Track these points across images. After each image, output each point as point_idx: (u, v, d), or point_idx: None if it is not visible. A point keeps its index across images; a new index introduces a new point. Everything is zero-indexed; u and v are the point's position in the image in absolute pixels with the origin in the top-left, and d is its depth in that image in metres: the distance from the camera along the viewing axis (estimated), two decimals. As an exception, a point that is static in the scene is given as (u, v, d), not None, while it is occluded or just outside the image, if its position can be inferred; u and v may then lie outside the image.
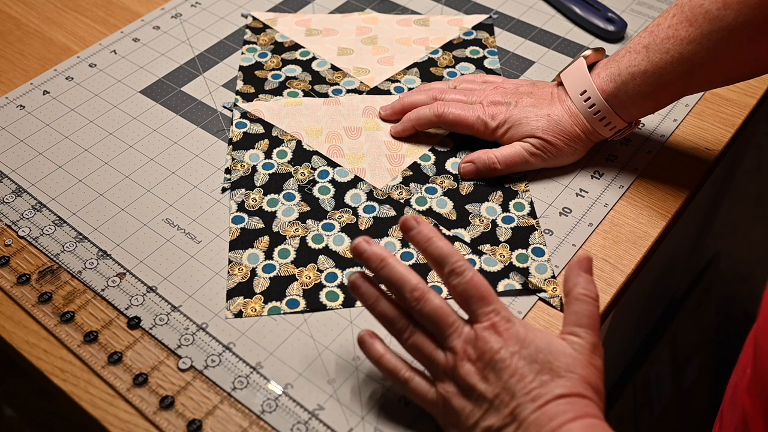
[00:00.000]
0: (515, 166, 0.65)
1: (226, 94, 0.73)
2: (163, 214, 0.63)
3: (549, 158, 0.65)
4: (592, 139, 0.65)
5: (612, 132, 0.64)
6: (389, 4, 0.85)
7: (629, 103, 0.62)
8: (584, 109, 0.63)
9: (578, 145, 0.65)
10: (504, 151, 0.65)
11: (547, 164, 0.65)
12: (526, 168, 0.65)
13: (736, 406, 0.46)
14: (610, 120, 0.63)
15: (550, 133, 0.64)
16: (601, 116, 0.63)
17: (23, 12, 0.83)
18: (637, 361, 1.02)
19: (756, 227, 1.47)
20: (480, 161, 0.65)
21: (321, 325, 0.56)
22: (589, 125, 0.63)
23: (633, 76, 0.60)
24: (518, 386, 0.45)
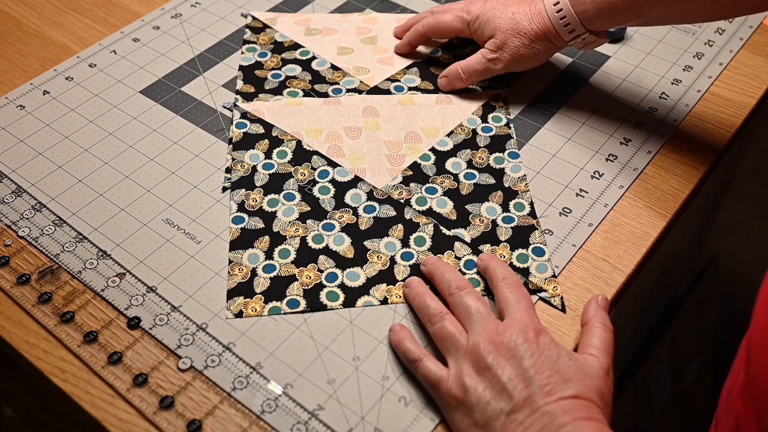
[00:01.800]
0: (477, 74, 0.71)
1: (226, 94, 0.73)
2: (163, 214, 0.63)
3: (509, 60, 0.69)
4: (555, 42, 0.68)
5: (571, 36, 0.66)
6: (389, 4, 0.85)
7: (593, 10, 0.64)
8: (554, 17, 0.66)
9: (539, 46, 0.68)
10: (467, 61, 0.71)
11: (509, 68, 0.70)
12: (490, 74, 0.71)
13: (730, 410, 0.46)
14: (576, 29, 0.66)
15: (508, 33, 0.68)
16: (567, 23, 0.65)
17: (23, 12, 0.83)
18: (637, 361, 1.02)
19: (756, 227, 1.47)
20: (450, 73, 0.72)
21: (321, 325, 0.56)
22: (556, 31, 0.66)
23: None
24: (536, 377, 0.46)
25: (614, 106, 0.72)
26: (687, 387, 1.13)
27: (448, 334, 0.51)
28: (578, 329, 0.55)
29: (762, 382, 0.40)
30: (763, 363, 0.40)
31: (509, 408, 0.46)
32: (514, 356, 0.48)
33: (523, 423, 0.45)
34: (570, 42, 0.67)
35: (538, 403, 0.45)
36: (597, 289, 0.58)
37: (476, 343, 0.49)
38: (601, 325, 0.53)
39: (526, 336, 0.49)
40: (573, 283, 0.58)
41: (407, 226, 0.62)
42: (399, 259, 0.60)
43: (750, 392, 0.42)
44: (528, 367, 0.47)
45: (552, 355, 0.48)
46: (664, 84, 0.75)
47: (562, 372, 0.47)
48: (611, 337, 0.52)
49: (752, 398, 0.42)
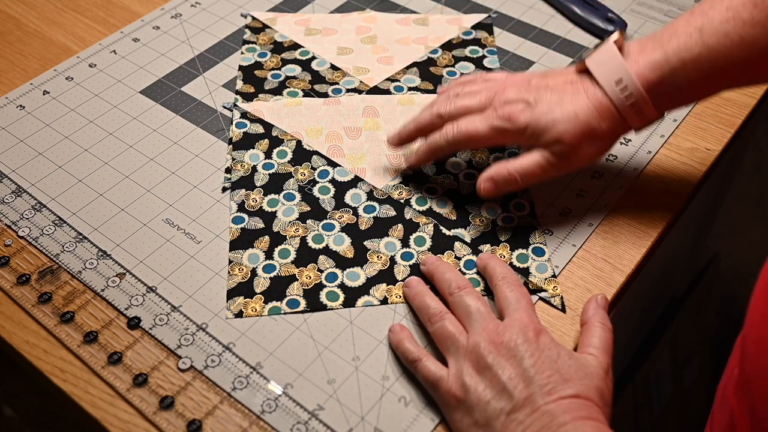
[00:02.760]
0: (535, 179, 0.58)
1: (226, 94, 0.73)
2: (163, 214, 0.63)
3: (576, 163, 0.58)
4: (619, 132, 0.58)
5: (641, 123, 0.57)
6: (389, 3, 0.85)
7: (674, 92, 0.55)
8: (619, 100, 0.55)
9: (603, 143, 0.58)
10: (523, 163, 0.58)
11: (570, 170, 0.59)
12: (548, 178, 0.59)
13: (724, 406, 0.47)
14: (645, 111, 0.56)
15: (578, 137, 0.56)
16: (637, 108, 0.56)
17: (23, 12, 0.83)
18: (637, 361, 1.02)
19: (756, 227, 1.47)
20: (500, 177, 0.58)
21: (321, 325, 0.56)
22: (621, 116, 0.56)
23: (683, 63, 0.53)
24: (536, 376, 0.47)
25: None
26: (687, 387, 1.13)
27: (448, 334, 0.51)
28: (578, 329, 0.55)
29: (755, 377, 0.40)
30: (756, 358, 0.40)
31: (509, 407, 0.46)
32: (514, 356, 0.48)
33: (523, 422, 0.45)
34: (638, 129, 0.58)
35: (538, 402, 0.45)
36: (597, 289, 0.58)
37: (476, 343, 0.49)
38: (601, 324, 0.53)
39: (526, 336, 0.49)
40: (573, 283, 0.58)
41: (407, 226, 0.62)
42: (399, 259, 0.60)
43: (743, 388, 0.43)
44: (528, 367, 0.47)
45: (552, 355, 0.48)
46: (664, 84, 0.75)
47: (562, 371, 0.47)
48: (611, 336, 0.52)
49: (745, 393, 0.42)
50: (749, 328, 0.41)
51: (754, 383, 0.41)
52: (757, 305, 0.40)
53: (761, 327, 0.39)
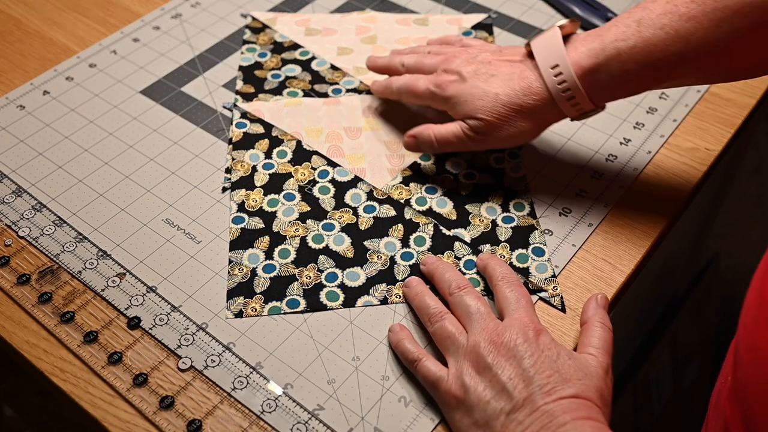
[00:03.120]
0: (451, 146, 0.62)
1: (226, 94, 0.73)
2: (163, 215, 0.63)
3: (492, 141, 0.60)
4: (548, 118, 0.59)
5: (576, 113, 0.58)
6: (389, 3, 0.85)
7: (608, 83, 0.56)
8: (553, 86, 0.56)
9: (527, 127, 0.59)
10: (442, 130, 0.62)
11: (491, 146, 0.61)
12: (465, 149, 0.63)
13: (718, 413, 0.47)
14: (579, 100, 0.57)
15: (494, 115, 0.58)
16: (570, 95, 0.56)
17: (23, 12, 0.83)
18: (637, 361, 1.02)
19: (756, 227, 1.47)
20: (421, 137, 0.63)
21: (321, 325, 0.56)
22: (553, 102, 0.57)
23: (618, 53, 0.54)
24: (536, 376, 0.47)
25: (614, 106, 0.72)
26: (687, 387, 1.13)
27: (447, 334, 0.51)
28: (578, 329, 0.55)
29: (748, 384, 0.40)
30: (748, 365, 0.40)
31: (509, 407, 0.46)
32: (514, 356, 0.48)
33: (522, 422, 0.45)
34: (573, 118, 0.59)
35: (537, 402, 0.45)
36: (597, 289, 0.58)
37: (476, 343, 0.49)
38: (601, 324, 0.53)
39: (526, 336, 0.49)
40: (573, 283, 0.58)
41: (407, 226, 0.62)
42: (399, 259, 0.60)
43: (737, 395, 0.42)
44: (528, 367, 0.47)
45: (552, 355, 0.48)
46: (664, 84, 0.75)
47: (562, 371, 0.47)
48: (610, 336, 0.52)
49: (739, 400, 0.42)
50: (741, 335, 0.41)
51: (747, 390, 0.41)
52: (749, 312, 0.40)
53: (753, 334, 0.39)
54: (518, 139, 0.60)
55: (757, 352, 0.38)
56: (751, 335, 0.39)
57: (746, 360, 0.40)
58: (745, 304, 0.41)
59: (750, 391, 0.40)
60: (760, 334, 0.38)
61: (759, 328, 0.38)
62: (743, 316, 0.41)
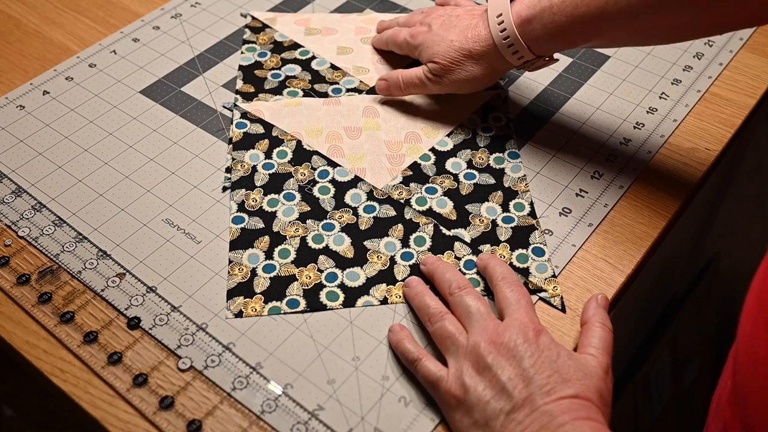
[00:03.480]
0: (415, 88, 0.69)
1: (226, 94, 0.73)
2: (163, 214, 0.63)
3: (448, 84, 0.67)
4: (499, 67, 0.65)
5: (520, 62, 0.63)
6: (389, 4, 0.85)
7: (541, 33, 0.60)
8: (496, 34, 0.62)
9: (481, 70, 0.65)
10: (407, 72, 0.69)
11: (448, 89, 0.68)
12: (426, 91, 0.69)
13: (719, 417, 0.47)
14: (519, 49, 0.62)
15: (447, 59, 0.65)
16: (509, 43, 0.62)
17: (23, 12, 0.83)
18: (637, 361, 1.02)
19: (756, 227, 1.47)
20: (391, 79, 0.70)
21: (321, 325, 0.56)
22: (497, 50, 0.63)
23: (550, 4, 0.59)
24: (536, 376, 0.47)
25: (614, 106, 0.72)
26: (687, 387, 1.13)
27: (447, 334, 0.51)
28: (578, 329, 0.55)
29: (747, 388, 0.40)
30: (747, 369, 0.40)
31: (509, 407, 0.46)
32: (514, 356, 0.48)
33: (522, 422, 0.45)
34: (519, 67, 0.65)
35: (537, 402, 0.45)
36: (597, 289, 0.58)
37: (476, 343, 0.49)
38: (601, 324, 0.53)
39: (526, 336, 0.49)
40: (573, 283, 0.58)
41: (407, 226, 0.62)
42: (399, 259, 0.60)
43: (736, 399, 0.42)
44: (528, 367, 0.47)
45: (551, 355, 0.48)
46: (663, 84, 0.75)
47: (562, 372, 0.47)
48: (610, 336, 0.52)
49: (738, 405, 0.42)
50: (741, 340, 0.41)
51: (745, 394, 0.41)
52: (748, 316, 0.40)
53: (752, 338, 0.39)
54: (471, 83, 0.66)
55: (756, 356, 0.38)
56: (750, 340, 0.39)
57: (745, 364, 0.40)
58: (744, 309, 0.41)
59: (749, 395, 0.40)
60: (758, 339, 0.38)
61: (758, 333, 0.38)
62: (742, 320, 0.41)
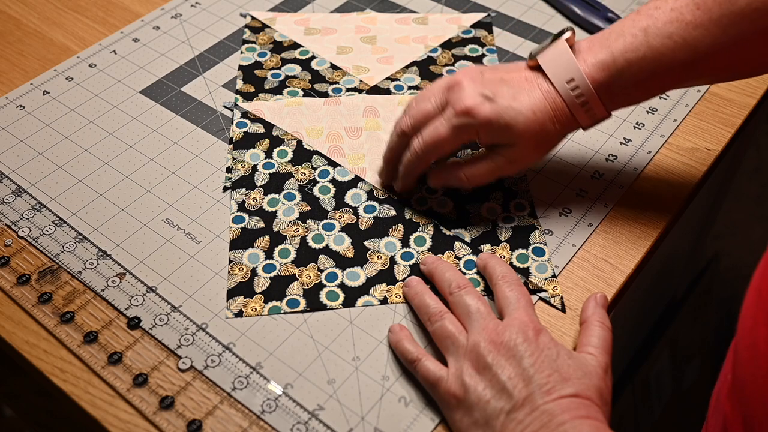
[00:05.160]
0: (485, 181, 0.60)
1: (226, 94, 0.73)
2: (163, 215, 0.63)
3: (520, 167, 0.60)
4: (568, 131, 0.59)
5: (590, 122, 0.58)
6: (389, 3, 0.85)
7: (620, 92, 0.56)
8: (570, 99, 0.56)
9: (551, 144, 0.59)
10: (473, 171, 0.59)
11: (522, 169, 0.62)
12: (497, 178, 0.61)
13: (718, 412, 0.47)
14: (595, 111, 0.57)
15: (532, 142, 0.57)
16: (587, 107, 0.57)
17: (23, 12, 0.83)
18: (637, 361, 1.02)
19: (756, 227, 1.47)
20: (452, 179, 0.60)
21: (321, 325, 0.56)
22: (572, 115, 0.57)
23: (629, 64, 0.55)
24: (536, 376, 0.47)
25: (614, 106, 0.72)
26: (687, 387, 1.13)
27: (447, 333, 0.51)
28: (578, 329, 0.55)
29: (747, 383, 0.40)
30: (747, 363, 0.40)
31: (509, 407, 0.46)
32: (513, 355, 0.48)
33: (522, 422, 0.45)
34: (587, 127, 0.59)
35: (537, 402, 0.45)
36: (597, 289, 0.58)
37: (476, 343, 0.49)
38: (600, 323, 0.53)
39: (525, 335, 0.49)
40: (573, 283, 0.58)
41: (407, 226, 0.62)
42: (399, 259, 0.60)
43: (736, 394, 0.43)
44: (527, 366, 0.47)
45: (551, 354, 0.48)
46: (664, 84, 0.75)
47: (562, 371, 0.47)
48: (610, 335, 0.52)
49: (738, 400, 0.42)
50: (741, 334, 0.41)
51: (746, 389, 0.41)
52: (748, 311, 0.40)
53: (752, 332, 0.39)
54: (543, 156, 0.61)
55: (756, 350, 0.38)
56: (750, 334, 0.39)
57: (745, 358, 0.40)
58: (744, 303, 0.41)
59: (748, 390, 0.40)
60: (758, 333, 0.38)
61: (757, 327, 0.38)
62: (742, 315, 0.41)
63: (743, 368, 0.41)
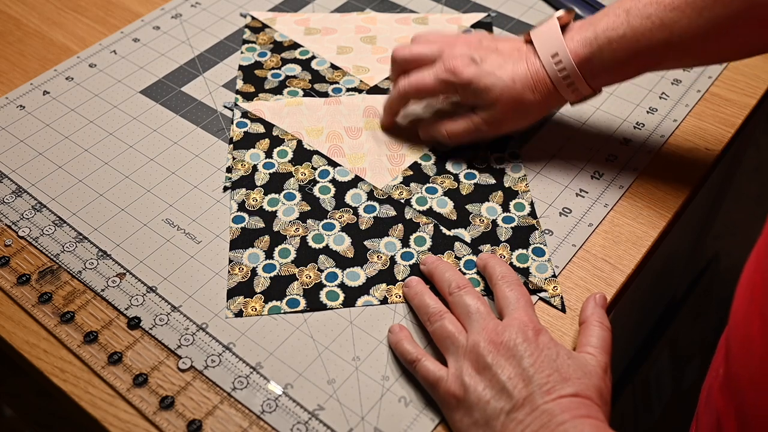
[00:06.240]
0: (465, 140, 0.65)
1: (226, 94, 0.73)
2: (163, 214, 0.63)
3: (500, 130, 0.64)
4: (552, 104, 0.63)
5: (575, 98, 0.62)
6: (389, 3, 0.85)
7: (601, 69, 0.60)
8: (554, 73, 0.60)
9: (532, 113, 0.63)
10: (453, 127, 0.65)
11: (501, 133, 0.65)
12: (477, 139, 0.65)
13: (710, 407, 0.47)
14: (578, 86, 0.61)
15: (509, 107, 0.61)
16: (569, 81, 0.60)
17: (23, 12, 0.83)
18: (637, 362, 1.02)
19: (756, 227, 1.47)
20: (437, 134, 0.66)
21: (321, 325, 0.56)
22: (555, 89, 0.61)
23: (609, 41, 0.58)
24: (535, 376, 0.47)
25: (614, 106, 0.72)
26: (687, 387, 1.13)
27: (447, 333, 0.51)
28: (578, 329, 0.55)
29: (741, 377, 0.40)
30: (741, 357, 0.40)
31: (509, 407, 0.46)
32: (513, 355, 0.48)
33: (522, 422, 0.45)
34: (574, 103, 0.63)
35: (537, 401, 0.45)
36: (597, 289, 0.58)
37: (476, 343, 0.49)
38: (599, 323, 0.53)
39: (525, 335, 0.49)
40: (573, 283, 0.58)
41: (407, 226, 0.62)
42: (399, 259, 0.60)
43: (730, 388, 0.43)
44: (527, 366, 0.47)
45: (551, 354, 0.48)
46: (663, 84, 0.75)
47: (561, 371, 0.47)
48: (609, 335, 0.52)
49: (732, 394, 0.42)
50: (733, 328, 0.41)
51: (740, 383, 0.41)
52: (740, 305, 0.41)
53: (745, 327, 0.39)
54: (526, 124, 0.65)
55: (749, 344, 0.38)
56: (743, 328, 0.39)
57: (738, 352, 0.40)
58: (735, 298, 0.41)
59: (742, 384, 0.40)
60: (751, 327, 0.38)
61: (750, 321, 0.38)
62: (734, 309, 0.41)
63: (736, 362, 0.41)
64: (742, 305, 0.40)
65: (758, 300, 0.38)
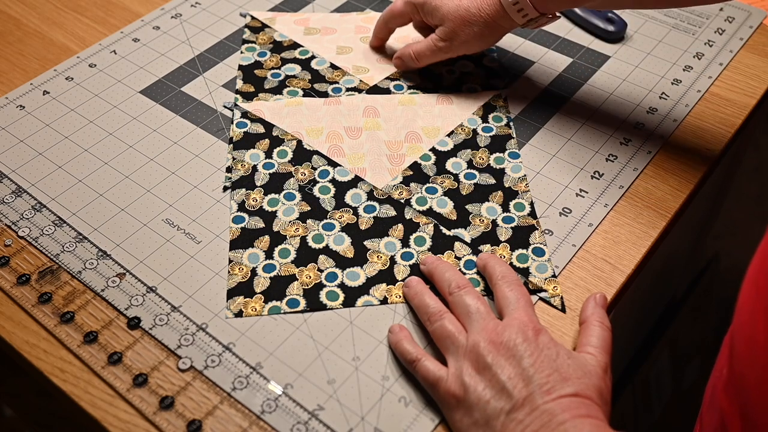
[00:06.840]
0: (427, 58, 0.71)
1: (226, 94, 0.73)
2: (163, 215, 0.63)
3: (459, 47, 0.69)
4: (504, 25, 0.67)
5: (525, 20, 0.66)
6: (389, 3, 0.85)
7: None
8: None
9: (489, 30, 0.67)
10: (417, 46, 0.72)
11: (458, 52, 0.70)
12: (439, 58, 0.71)
13: (714, 407, 0.47)
14: (523, 7, 0.64)
15: (457, 22, 0.67)
16: (515, 1, 0.64)
17: (23, 12, 0.83)
18: (636, 362, 1.02)
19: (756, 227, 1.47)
20: (404, 56, 0.73)
21: (321, 325, 0.56)
22: (503, 8, 0.65)
23: None
24: (535, 375, 0.47)
25: (614, 106, 0.72)
26: (687, 387, 1.13)
27: (447, 333, 0.51)
28: (578, 329, 0.55)
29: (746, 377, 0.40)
30: (746, 357, 0.40)
31: (509, 407, 0.46)
32: (513, 355, 0.48)
33: (522, 422, 0.45)
34: (523, 25, 0.67)
35: (537, 401, 0.45)
36: (597, 289, 0.58)
37: (476, 343, 0.49)
38: (599, 323, 0.53)
39: (525, 335, 0.49)
40: (573, 283, 0.58)
41: (407, 226, 0.62)
42: (399, 259, 0.60)
43: (734, 388, 0.42)
44: (527, 366, 0.47)
45: (551, 354, 0.48)
46: (664, 84, 0.75)
47: (561, 371, 0.47)
48: (609, 335, 0.52)
49: (736, 394, 0.42)
50: (737, 327, 0.41)
51: (745, 383, 0.41)
52: (744, 304, 0.40)
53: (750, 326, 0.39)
54: (479, 43, 0.69)
55: (755, 343, 0.38)
56: (748, 327, 0.39)
57: (743, 351, 0.40)
58: (740, 297, 0.41)
59: (747, 383, 0.40)
60: (757, 326, 0.38)
61: (756, 320, 0.38)
62: (738, 308, 0.41)
63: (741, 362, 0.41)
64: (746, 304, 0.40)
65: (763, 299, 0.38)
